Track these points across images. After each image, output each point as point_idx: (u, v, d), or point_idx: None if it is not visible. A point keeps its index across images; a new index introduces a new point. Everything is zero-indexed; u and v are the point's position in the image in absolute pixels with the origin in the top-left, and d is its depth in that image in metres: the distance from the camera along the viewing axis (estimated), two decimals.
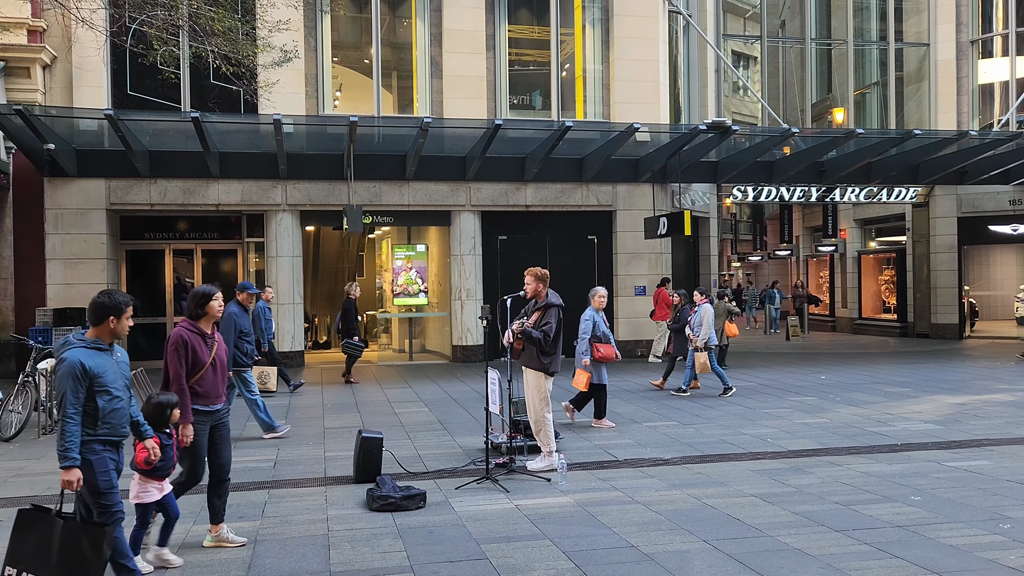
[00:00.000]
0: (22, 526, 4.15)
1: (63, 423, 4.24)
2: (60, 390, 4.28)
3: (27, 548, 4.10)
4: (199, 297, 5.37)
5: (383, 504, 6.15)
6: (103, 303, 4.45)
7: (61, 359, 4.32)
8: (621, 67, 17.08)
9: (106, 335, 4.47)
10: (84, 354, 4.35)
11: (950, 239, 21.27)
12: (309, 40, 15.76)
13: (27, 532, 4.12)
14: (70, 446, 4.22)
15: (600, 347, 9.39)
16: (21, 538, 4.13)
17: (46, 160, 14.34)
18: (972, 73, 21.12)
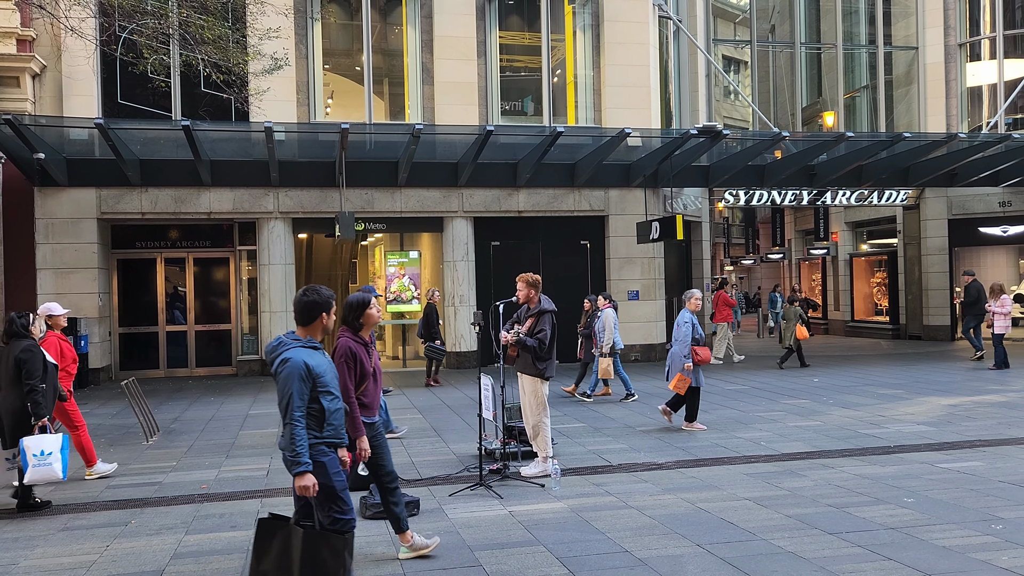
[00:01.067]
0: (263, 536, 4.00)
1: (292, 427, 4.04)
2: (284, 393, 4.07)
3: (269, 558, 3.96)
4: (357, 306, 5.15)
5: (377, 512, 6.13)
6: (313, 300, 4.28)
7: (283, 360, 4.12)
8: (612, 72, 17.13)
9: (318, 333, 4.31)
10: (305, 354, 4.16)
11: (941, 241, 21.36)
12: (300, 47, 15.76)
13: (268, 542, 3.98)
14: (301, 451, 4.03)
15: (698, 350, 9.43)
16: (262, 548, 3.98)
17: (36, 170, 14.29)
18: (960, 76, 21.24)
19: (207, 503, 6.71)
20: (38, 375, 6.47)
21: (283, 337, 4.27)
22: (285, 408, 4.08)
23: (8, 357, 6.56)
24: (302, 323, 4.30)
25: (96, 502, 6.78)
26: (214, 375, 16.19)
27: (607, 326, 11.70)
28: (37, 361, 6.51)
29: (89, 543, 5.69)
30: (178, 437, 9.70)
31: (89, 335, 14.72)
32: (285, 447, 4.07)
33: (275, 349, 4.23)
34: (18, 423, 6.48)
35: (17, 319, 6.65)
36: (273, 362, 4.19)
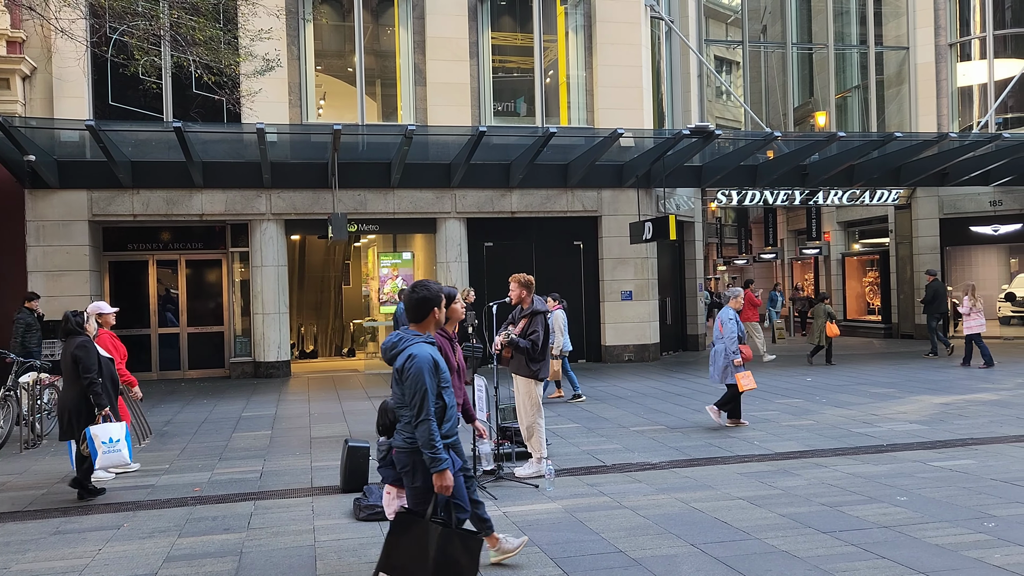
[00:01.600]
0: (398, 531, 3.96)
1: (427, 423, 3.97)
2: (417, 388, 3.99)
3: (403, 554, 3.92)
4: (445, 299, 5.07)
5: (370, 513, 6.12)
6: (424, 296, 4.24)
7: (411, 355, 4.04)
8: (604, 73, 17.14)
9: (431, 328, 4.27)
10: (430, 349, 4.10)
11: (932, 240, 21.45)
12: (292, 49, 15.72)
13: (403, 537, 3.93)
14: (439, 447, 3.98)
15: (742, 348, 9.49)
16: (396, 543, 3.94)
17: (27, 172, 14.22)
18: (951, 76, 21.34)
19: (200, 505, 6.68)
20: (94, 368, 6.83)
21: (402, 332, 4.24)
22: (420, 404, 4.00)
23: (66, 354, 6.91)
24: (415, 320, 4.28)
25: (88, 505, 6.75)
26: (207, 377, 16.14)
27: (556, 328, 11.53)
28: (91, 356, 6.85)
29: (81, 546, 5.66)
30: (171, 439, 9.66)
31: None
32: (424, 444, 3.99)
33: (396, 345, 4.19)
34: (79, 415, 6.80)
35: (72, 317, 7.01)
36: (396, 358, 4.15)
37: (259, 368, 15.90)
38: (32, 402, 9.35)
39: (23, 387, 9.34)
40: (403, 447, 4.16)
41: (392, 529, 3.99)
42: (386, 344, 4.25)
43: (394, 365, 4.16)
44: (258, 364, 15.93)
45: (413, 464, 4.12)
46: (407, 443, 4.13)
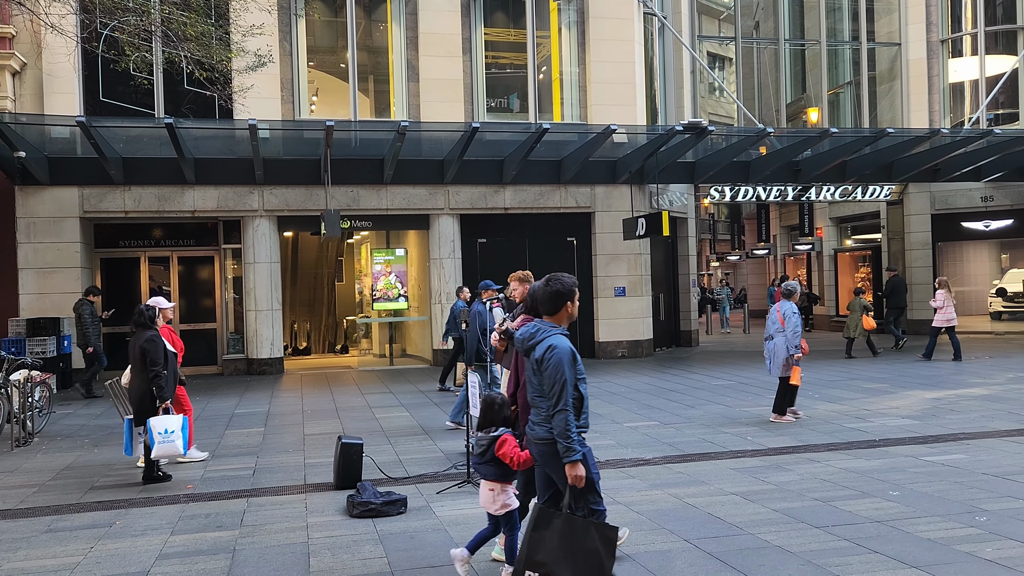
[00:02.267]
0: (540, 526, 3.95)
1: (565, 414, 3.99)
2: (557, 379, 4.02)
3: (547, 549, 3.90)
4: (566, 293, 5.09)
5: (364, 510, 6.11)
6: (558, 290, 4.25)
7: (551, 346, 4.07)
8: (597, 69, 17.13)
9: (564, 321, 4.27)
10: (568, 341, 4.12)
11: (924, 236, 21.53)
12: (284, 44, 15.66)
13: (546, 531, 3.92)
14: (575, 437, 4.00)
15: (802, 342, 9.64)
16: (541, 539, 3.92)
17: (17, 168, 14.14)
18: (943, 72, 21.40)
19: (193, 503, 6.66)
20: (161, 362, 7.21)
21: (539, 324, 4.25)
22: (558, 394, 4.03)
23: (135, 346, 7.30)
24: (549, 312, 4.29)
25: (80, 503, 6.72)
26: (199, 374, 16.08)
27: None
28: (159, 349, 7.24)
29: (73, 544, 5.64)
30: None
31: (72, 336, 14.58)
32: (560, 434, 4.01)
33: (534, 336, 4.21)
34: (144, 405, 7.22)
35: (145, 311, 7.42)
36: (533, 349, 4.17)
37: (252, 365, 15.86)
38: (23, 400, 9.30)
39: (14, 385, 9.29)
40: (546, 437, 4.16)
41: (534, 525, 3.98)
42: (523, 335, 4.28)
43: (532, 356, 4.20)
44: (251, 361, 15.89)
45: (554, 453, 4.14)
46: (549, 433, 4.15)
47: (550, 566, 3.89)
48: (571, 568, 3.87)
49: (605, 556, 3.91)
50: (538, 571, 3.91)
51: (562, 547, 3.90)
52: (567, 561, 3.88)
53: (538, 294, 4.36)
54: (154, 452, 7.03)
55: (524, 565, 3.95)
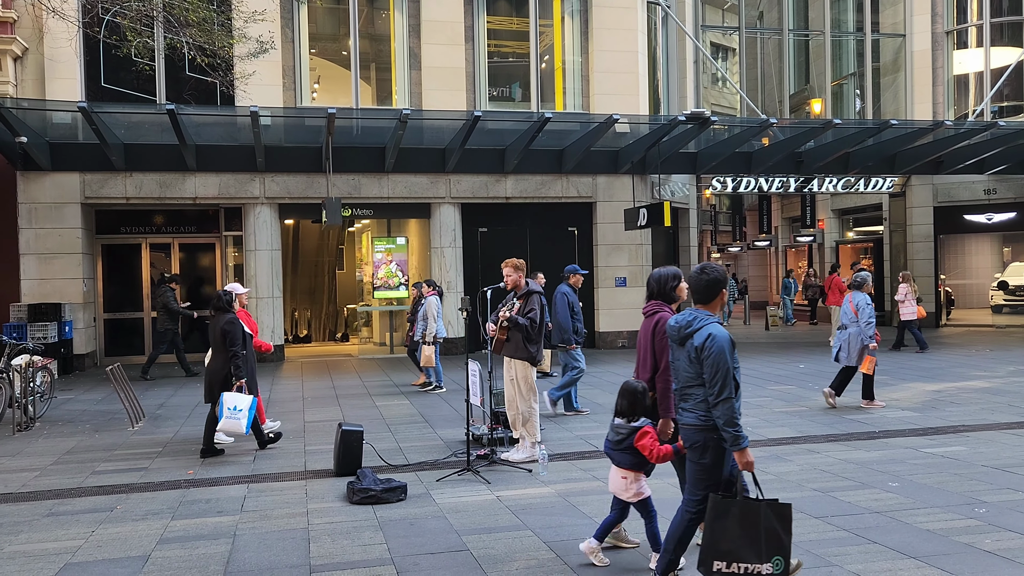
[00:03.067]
0: (720, 515, 3.99)
1: (729, 402, 4.05)
2: (719, 367, 4.06)
3: (732, 537, 3.96)
4: (672, 278, 5.09)
5: (364, 497, 6.13)
6: (715, 278, 4.28)
7: (711, 335, 4.10)
8: (600, 58, 17.07)
9: (716, 309, 4.31)
10: (724, 329, 4.16)
11: (926, 228, 21.49)
12: (286, 31, 15.60)
13: (727, 520, 3.98)
14: (740, 424, 4.07)
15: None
16: (724, 528, 3.98)
17: (18, 153, 14.11)
18: (947, 63, 21.31)
19: (193, 488, 6.68)
20: (239, 343, 7.71)
21: (695, 312, 4.27)
22: (721, 382, 4.07)
23: (215, 327, 7.81)
24: (703, 301, 4.31)
25: (81, 488, 6.75)
26: (199, 361, 16.08)
27: (429, 314, 11.51)
28: (237, 331, 7.75)
29: (74, 528, 5.66)
30: (164, 423, 9.65)
31: (74, 321, 14.60)
32: (726, 422, 4.06)
33: (691, 324, 4.23)
34: (221, 383, 7.69)
35: (223, 295, 7.96)
36: (690, 337, 4.20)
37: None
38: (25, 384, 9.32)
39: (16, 369, 9.31)
40: (697, 424, 4.19)
41: (714, 515, 4.03)
42: (679, 323, 4.29)
43: (688, 344, 4.22)
44: None
45: (705, 441, 4.18)
46: (701, 420, 4.19)
47: (736, 552, 3.97)
48: (755, 550, 3.95)
49: (783, 532, 4.00)
50: (725, 559, 3.98)
51: (743, 532, 3.97)
52: (750, 544, 3.96)
53: (692, 283, 4.38)
54: (220, 425, 7.44)
55: (710, 555, 4.02)
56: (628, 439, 4.68)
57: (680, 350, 4.30)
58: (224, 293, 8.01)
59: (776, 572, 3.95)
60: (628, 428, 4.71)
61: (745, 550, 3.96)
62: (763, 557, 3.93)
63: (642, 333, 5.12)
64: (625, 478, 4.73)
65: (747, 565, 3.95)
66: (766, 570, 3.94)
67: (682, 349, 4.28)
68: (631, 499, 4.76)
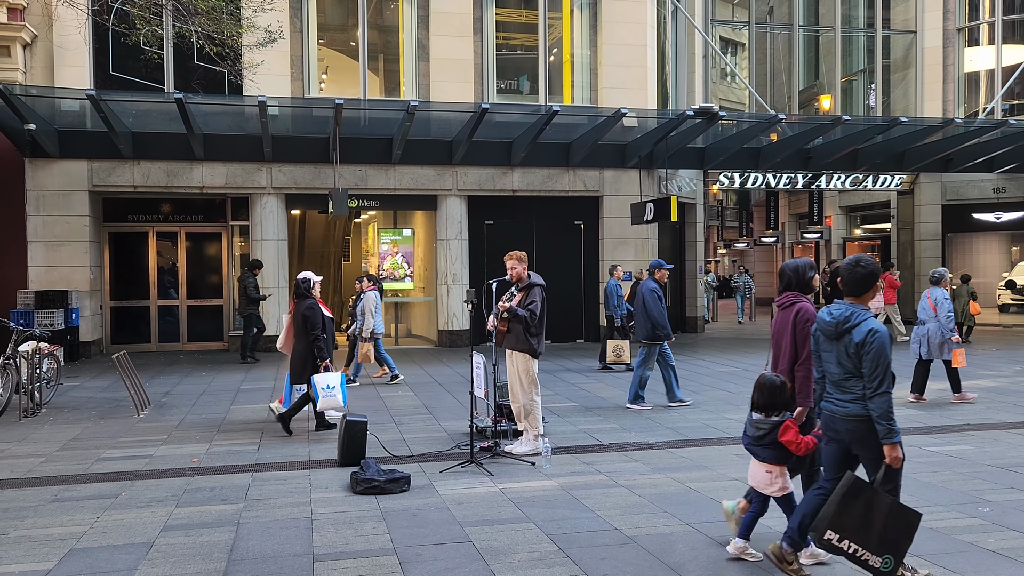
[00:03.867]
0: (852, 495, 4.05)
1: (887, 396, 4.10)
2: (880, 361, 4.11)
3: (853, 517, 4.02)
4: (807, 269, 5.07)
5: (367, 487, 6.14)
6: (871, 271, 4.31)
7: (872, 330, 4.14)
8: (609, 52, 17.02)
9: (867, 302, 4.34)
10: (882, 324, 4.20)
11: (934, 227, 21.41)
12: (294, 21, 15.59)
13: (855, 501, 4.03)
14: (895, 419, 4.11)
15: None
16: (849, 505, 4.04)
17: (27, 140, 14.15)
18: (958, 61, 21.20)
19: (198, 476, 6.71)
20: (319, 327, 8.17)
21: (851, 307, 4.30)
22: (881, 377, 4.11)
23: (297, 313, 8.28)
24: (856, 294, 4.34)
25: (86, 474, 6.78)
26: (205, 350, 16.17)
27: (367, 309, 11.46)
28: (317, 316, 8.19)
29: (79, 514, 5.69)
30: (169, 411, 9.69)
31: (80, 308, 14.66)
32: (882, 415, 4.09)
33: (849, 319, 4.26)
34: (304, 365, 8.17)
35: (302, 283, 8.38)
36: (848, 332, 4.23)
37: (258, 342, 15.89)
38: (31, 371, 9.36)
39: (22, 356, 9.35)
40: (862, 414, 4.23)
41: (847, 492, 4.08)
42: (836, 318, 4.31)
43: (846, 338, 4.24)
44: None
45: (872, 431, 4.21)
46: (866, 410, 4.23)
47: (853, 532, 4.02)
48: (871, 539, 3.99)
49: (904, 536, 4.03)
50: (839, 534, 4.03)
51: (867, 518, 4.02)
52: (869, 532, 4.01)
53: (846, 276, 4.39)
54: (319, 404, 7.85)
55: (827, 524, 4.06)
56: (771, 434, 4.67)
57: (834, 344, 4.32)
58: (303, 281, 8.38)
59: (884, 570, 3.98)
60: (769, 423, 4.70)
61: (863, 534, 4.00)
62: (877, 549, 3.97)
63: (778, 324, 5.10)
64: (769, 472, 4.72)
65: (859, 548, 3.99)
66: (875, 563, 3.97)
67: (837, 343, 4.30)
68: (775, 493, 4.73)
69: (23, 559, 4.86)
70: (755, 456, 4.81)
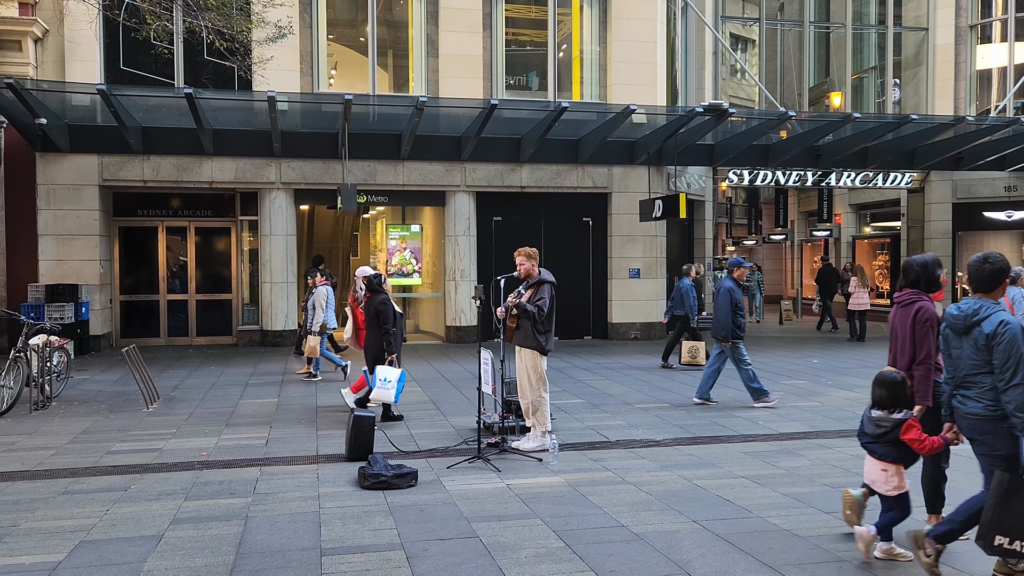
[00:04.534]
0: (1011, 494, 4.03)
1: (1021, 388, 4.05)
2: (1012, 354, 4.09)
3: (1016, 515, 4.02)
4: (934, 266, 5.05)
5: (375, 482, 6.16)
6: (1000, 268, 4.32)
7: (1003, 322, 4.17)
8: (618, 48, 16.98)
9: (997, 298, 4.35)
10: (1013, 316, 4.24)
11: (944, 225, 21.29)
12: (304, 16, 15.61)
13: (1012, 499, 4.02)
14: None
15: None
16: (1010, 506, 4.02)
17: (38, 135, 14.22)
18: (970, 58, 21.05)
19: (206, 470, 6.75)
20: (391, 321, 8.47)
21: (979, 300, 4.32)
22: (1014, 368, 4.09)
23: (370, 307, 8.62)
24: (985, 290, 4.36)
25: (96, 467, 6.82)
26: (214, 344, 16.24)
27: (317, 304, 11.48)
28: (389, 311, 8.51)
29: (89, 507, 5.73)
30: (178, 404, 9.74)
31: (90, 302, 14.74)
32: (1017, 407, 4.08)
33: (977, 312, 4.28)
34: (375, 357, 8.52)
35: (374, 279, 8.75)
36: (978, 325, 4.25)
37: (266, 336, 15.97)
38: (42, 364, 9.42)
39: (33, 349, 9.40)
40: (982, 414, 4.21)
41: (1003, 492, 4.07)
42: (964, 312, 4.33)
43: (975, 332, 4.26)
44: (265, 332, 16.00)
45: (995, 430, 4.20)
46: (989, 410, 4.20)
47: (1018, 531, 4.01)
48: None
49: None
50: (1009, 536, 4.02)
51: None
52: None
53: (974, 272, 4.41)
54: (372, 394, 8.14)
55: (993, 530, 4.05)
56: (892, 431, 4.63)
57: (962, 339, 4.32)
58: (376, 276, 8.81)
59: None
60: (891, 421, 4.66)
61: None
62: None
63: (898, 321, 5.10)
64: (886, 471, 4.68)
65: None
66: None
67: (966, 338, 4.30)
68: (890, 492, 4.68)
69: (34, 551, 4.90)
70: (872, 453, 4.75)
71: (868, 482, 4.82)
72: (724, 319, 9.58)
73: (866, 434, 4.78)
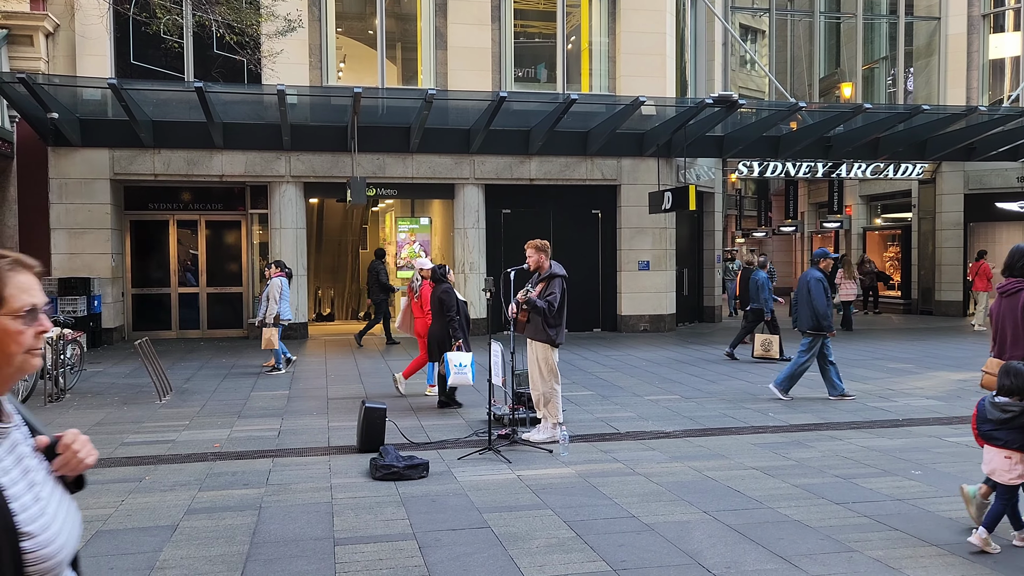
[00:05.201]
0: None
1: None
2: None
3: None
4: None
5: (386, 473, 6.20)
6: None
7: None
8: (627, 40, 16.92)
9: None
10: None
11: (956, 216, 21.17)
12: (313, 10, 15.62)
13: None
14: None
15: None
16: None
17: (50, 129, 14.30)
18: (983, 48, 20.88)
19: (219, 461, 6.80)
20: (454, 309, 8.82)
21: None
22: None
23: (434, 296, 9.02)
24: None
25: (111, 458, 6.89)
26: (225, 337, 16.32)
27: (271, 295, 11.55)
28: (452, 299, 8.88)
29: (104, 497, 5.79)
30: (191, 397, 9.81)
31: (102, 295, 14.83)
32: None
33: None
34: (440, 344, 8.85)
35: (437, 269, 9.19)
36: None
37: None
38: (56, 357, 9.50)
39: (47, 342, 9.48)
40: None
41: None
42: None
43: None
44: None
45: None
46: None
47: None
48: None
49: None
50: None
51: None
52: None
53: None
54: (450, 380, 8.30)
55: None
56: (1019, 417, 4.54)
57: None
58: (439, 267, 9.20)
59: None
60: (1020, 406, 4.56)
61: None
62: None
63: (1004, 311, 5.06)
64: (1009, 458, 4.60)
65: None
66: None
67: None
68: (1012, 481, 4.60)
69: None
70: (993, 442, 4.66)
71: (987, 472, 4.70)
72: (822, 310, 9.36)
73: (989, 421, 4.66)
